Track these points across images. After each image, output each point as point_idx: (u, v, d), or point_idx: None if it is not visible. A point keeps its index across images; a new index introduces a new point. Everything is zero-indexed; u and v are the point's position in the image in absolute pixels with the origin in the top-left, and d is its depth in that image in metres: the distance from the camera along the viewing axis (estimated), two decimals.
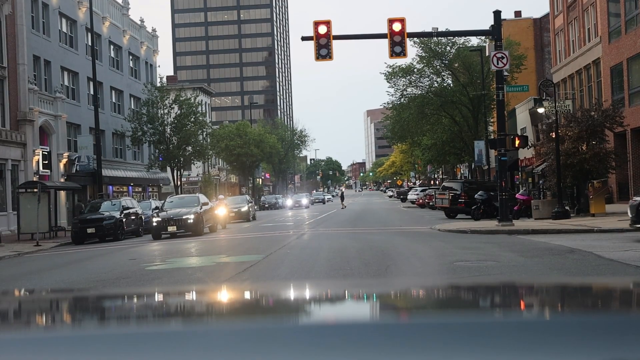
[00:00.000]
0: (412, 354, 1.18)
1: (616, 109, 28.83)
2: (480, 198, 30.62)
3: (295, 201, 74.88)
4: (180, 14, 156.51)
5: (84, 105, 44.98)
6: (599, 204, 26.41)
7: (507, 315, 1.67)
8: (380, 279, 10.84)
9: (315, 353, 1.20)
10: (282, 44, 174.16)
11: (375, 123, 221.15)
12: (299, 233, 25.62)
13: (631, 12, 34.40)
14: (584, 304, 1.95)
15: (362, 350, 1.19)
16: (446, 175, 75.07)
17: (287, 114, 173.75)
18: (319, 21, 23.37)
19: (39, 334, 1.56)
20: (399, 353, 1.18)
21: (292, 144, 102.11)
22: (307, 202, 75.96)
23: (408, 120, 50.39)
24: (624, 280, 5.55)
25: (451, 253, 14.99)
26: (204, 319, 1.89)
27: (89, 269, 16.11)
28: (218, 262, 15.30)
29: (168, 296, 2.48)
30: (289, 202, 74.70)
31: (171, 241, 25.09)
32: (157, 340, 1.30)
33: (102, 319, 1.97)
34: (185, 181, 63.29)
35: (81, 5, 45.26)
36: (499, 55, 24.01)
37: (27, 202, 30.04)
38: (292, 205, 72.45)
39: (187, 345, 1.24)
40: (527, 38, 57.61)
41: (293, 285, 4.02)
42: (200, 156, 55.36)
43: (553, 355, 1.16)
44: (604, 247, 14.53)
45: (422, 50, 47.62)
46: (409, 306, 2.04)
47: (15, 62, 35.86)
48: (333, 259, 14.64)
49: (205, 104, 76.55)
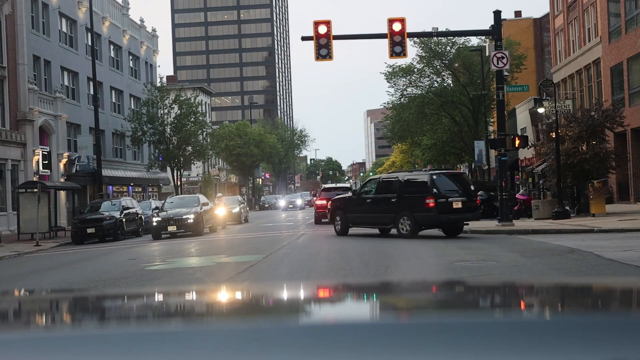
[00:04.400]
0: (412, 354, 1.18)
1: (616, 109, 28.84)
2: (480, 198, 30.61)
3: (289, 202, 68.63)
4: (180, 14, 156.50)
5: (84, 105, 44.98)
6: (599, 204, 26.41)
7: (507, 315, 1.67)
8: (380, 278, 10.84)
9: (315, 353, 1.20)
10: (282, 43, 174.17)
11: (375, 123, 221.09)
12: (299, 233, 25.62)
13: (631, 12, 34.41)
14: (584, 304, 1.95)
15: (362, 350, 1.19)
16: None
17: (287, 114, 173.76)
18: (319, 21, 23.38)
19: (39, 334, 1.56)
20: (399, 353, 1.18)
21: (292, 144, 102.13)
22: (302, 203, 69.13)
23: (408, 120, 50.39)
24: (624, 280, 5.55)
25: (451, 253, 14.99)
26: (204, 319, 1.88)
27: (88, 269, 16.11)
28: (218, 262, 15.30)
29: (168, 296, 2.48)
30: (282, 203, 69.03)
31: (171, 241, 25.09)
32: (157, 340, 1.30)
33: (102, 319, 1.97)
34: (185, 181, 63.31)
35: (81, 5, 45.27)
36: (499, 55, 24.01)
37: (27, 202, 30.04)
38: (286, 207, 67.01)
39: (187, 345, 1.24)
40: (527, 38, 57.60)
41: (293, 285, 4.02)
42: (200, 156, 55.39)
43: (553, 355, 1.16)
44: (604, 247, 14.52)
45: (422, 50, 47.59)
46: (409, 306, 2.04)
47: (15, 62, 35.86)
48: (333, 259, 14.64)
49: (205, 104, 76.55)
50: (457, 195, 20.29)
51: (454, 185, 20.82)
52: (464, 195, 20.41)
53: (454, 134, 51.23)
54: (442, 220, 20.09)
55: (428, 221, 20.16)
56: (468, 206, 20.44)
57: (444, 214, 19.82)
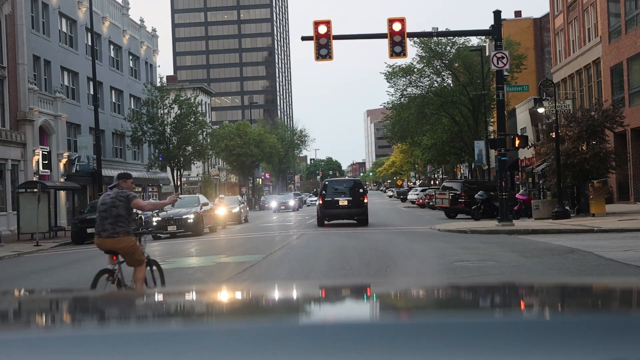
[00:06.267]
0: (412, 354, 1.18)
1: (616, 109, 28.84)
2: (480, 198, 30.62)
3: (281, 203, 62.03)
4: (180, 14, 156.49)
5: (83, 105, 44.97)
6: (599, 204, 26.40)
7: (507, 315, 1.67)
8: (380, 278, 10.85)
9: (315, 353, 1.20)
10: (282, 43, 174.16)
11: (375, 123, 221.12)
12: (298, 233, 25.62)
13: (631, 12, 34.40)
14: (584, 304, 1.95)
15: (362, 350, 1.19)
16: (446, 175, 75.05)
17: (287, 114, 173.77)
18: (319, 21, 23.38)
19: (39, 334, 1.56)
20: (399, 353, 1.18)
21: (292, 144, 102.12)
22: (295, 204, 62.59)
23: (408, 120, 50.41)
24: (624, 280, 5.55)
25: (451, 253, 15.00)
26: (204, 319, 1.88)
27: (88, 269, 16.08)
28: (218, 262, 15.30)
29: (168, 296, 2.48)
30: (274, 204, 62.53)
31: (171, 241, 25.08)
32: (157, 340, 1.30)
33: (102, 319, 1.97)
34: (185, 181, 63.31)
35: (81, 5, 45.26)
36: (499, 55, 24.01)
37: (27, 202, 30.03)
38: (278, 208, 61.02)
39: (187, 345, 1.24)
40: (527, 38, 57.59)
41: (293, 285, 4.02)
42: (200, 156, 55.39)
43: (553, 355, 1.16)
44: (604, 247, 14.52)
45: (422, 50, 47.62)
46: (409, 306, 2.04)
47: (15, 62, 35.85)
48: (333, 259, 14.64)
49: (205, 104, 76.56)
50: (343, 196, 29.27)
51: (343, 189, 30.01)
52: (350, 196, 29.26)
53: (454, 134, 51.26)
54: (328, 213, 29.34)
55: (320, 214, 29.61)
56: (353, 204, 29.11)
57: (328, 209, 29.28)
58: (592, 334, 1.24)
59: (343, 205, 29.08)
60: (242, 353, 1.21)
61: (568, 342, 1.21)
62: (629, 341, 1.21)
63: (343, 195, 29.35)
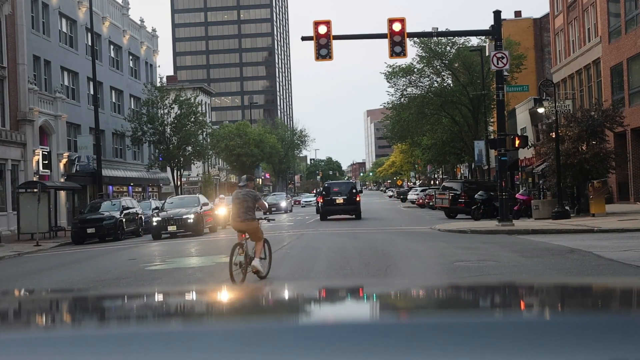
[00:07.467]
0: (412, 354, 1.18)
1: (616, 109, 28.83)
2: (480, 198, 30.62)
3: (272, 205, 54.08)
4: (180, 14, 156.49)
5: (84, 105, 44.97)
6: (599, 204, 26.40)
7: (507, 315, 1.67)
8: (380, 279, 10.85)
9: (315, 353, 1.20)
10: (282, 44, 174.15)
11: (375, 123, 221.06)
12: (298, 233, 25.62)
13: (631, 12, 34.40)
14: (584, 304, 1.95)
15: (362, 350, 1.19)
16: (446, 175, 75.03)
17: (287, 114, 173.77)
18: (319, 21, 23.38)
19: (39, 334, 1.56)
20: (399, 353, 1.18)
21: (292, 144, 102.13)
22: (287, 206, 58.56)
23: (408, 120, 50.39)
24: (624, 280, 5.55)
25: (451, 253, 14.99)
26: (204, 319, 1.88)
27: (88, 269, 16.11)
28: (218, 262, 15.29)
29: (168, 296, 2.48)
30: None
31: (171, 241, 25.09)
32: (157, 340, 1.30)
33: (102, 319, 1.97)
34: (185, 181, 63.27)
35: (81, 5, 45.26)
36: (499, 55, 24.01)
37: (27, 202, 30.03)
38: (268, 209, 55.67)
39: (187, 345, 1.24)
40: (527, 38, 57.58)
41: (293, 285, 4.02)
42: (200, 156, 55.38)
43: (553, 355, 1.16)
44: (604, 247, 14.52)
45: (422, 50, 47.60)
46: (409, 306, 2.04)
47: (15, 62, 35.86)
48: (333, 259, 14.64)
49: (205, 104, 76.54)
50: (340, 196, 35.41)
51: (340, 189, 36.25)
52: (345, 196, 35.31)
53: (454, 134, 51.24)
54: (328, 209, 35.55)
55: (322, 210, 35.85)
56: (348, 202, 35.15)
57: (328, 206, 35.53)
58: (592, 334, 1.24)
59: (340, 203, 35.38)
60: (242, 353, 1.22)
61: (568, 342, 1.21)
62: (629, 341, 1.21)
63: (340, 195, 35.61)
